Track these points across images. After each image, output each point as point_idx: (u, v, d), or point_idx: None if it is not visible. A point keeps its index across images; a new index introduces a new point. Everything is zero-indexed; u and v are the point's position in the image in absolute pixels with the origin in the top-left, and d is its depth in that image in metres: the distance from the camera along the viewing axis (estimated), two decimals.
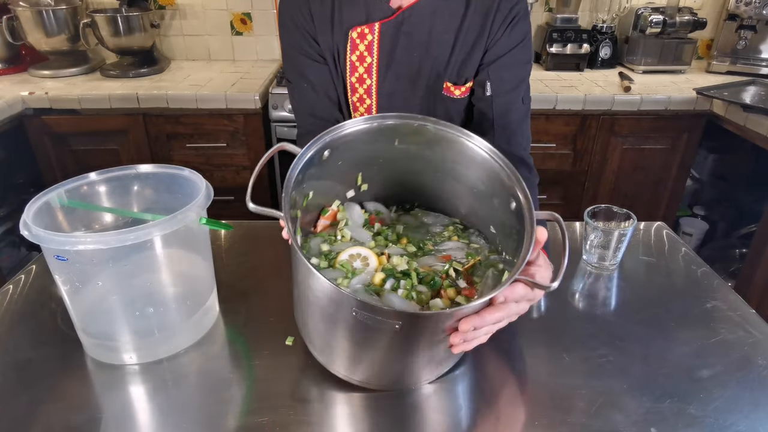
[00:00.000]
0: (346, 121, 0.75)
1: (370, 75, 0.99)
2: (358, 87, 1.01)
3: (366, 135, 0.77)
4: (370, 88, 1.00)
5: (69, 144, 2.04)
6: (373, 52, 0.97)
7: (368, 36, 0.95)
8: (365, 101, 1.02)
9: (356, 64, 0.99)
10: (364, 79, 1.00)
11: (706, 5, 2.48)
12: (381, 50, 0.96)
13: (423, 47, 0.96)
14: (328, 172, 0.78)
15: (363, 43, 0.96)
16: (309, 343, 0.74)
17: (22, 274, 0.96)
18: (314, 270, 0.58)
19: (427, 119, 0.78)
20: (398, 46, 0.96)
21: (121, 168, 0.84)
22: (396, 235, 0.84)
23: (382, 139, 0.79)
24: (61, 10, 2.12)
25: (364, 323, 0.60)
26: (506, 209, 0.74)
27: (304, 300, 0.67)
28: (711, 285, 0.94)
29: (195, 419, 0.67)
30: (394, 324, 0.59)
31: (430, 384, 0.72)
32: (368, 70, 0.98)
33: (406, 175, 0.86)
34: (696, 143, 2.11)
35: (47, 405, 0.69)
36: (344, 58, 0.99)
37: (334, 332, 0.67)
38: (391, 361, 0.67)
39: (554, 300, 0.91)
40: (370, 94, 1.01)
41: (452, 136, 0.78)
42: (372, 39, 0.95)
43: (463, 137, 0.77)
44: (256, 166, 2.13)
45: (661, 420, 0.66)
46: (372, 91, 1.01)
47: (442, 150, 0.80)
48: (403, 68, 0.98)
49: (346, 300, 0.59)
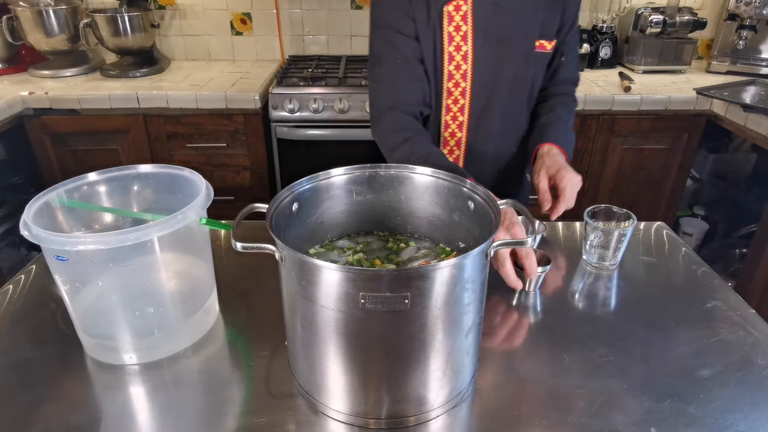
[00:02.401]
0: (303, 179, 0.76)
1: (465, 41, 1.11)
2: (455, 54, 1.12)
3: (325, 190, 0.80)
4: (466, 55, 1.12)
5: (69, 144, 2.04)
6: (467, 20, 1.09)
7: (463, 7, 1.09)
8: (461, 67, 1.13)
9: (453, 34, 1.11)
10: (461, 46, 1.11)
11: (706, 5, 2.48)
12: (474, 18, 1.09)
13: (510, 12, 1.10)
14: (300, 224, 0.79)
15: (458, 14, 1.09)
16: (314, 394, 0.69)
17: (22, 274, 0.96)
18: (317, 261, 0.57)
19: (377, 166, 0.81)
20: (488, 12, 1.10)
21: (121, 168, 0.84)
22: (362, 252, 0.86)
23: (339, 192, 0.82)
24: (61, 10, 2.12)
25: (369, 316, 0.58)
26: (468, 215, 0.77)
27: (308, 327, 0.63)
28: (711, 285, 0.94)
29: (195, 419, 0.67)
30: (404, 298, 0.57)
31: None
32: (464, 37, 1.11)
33: (368, 223, 0.88)
34: (696, 143, 2.11)
35: (47, 405, 0.69)
36: (440, 31, 1.11)
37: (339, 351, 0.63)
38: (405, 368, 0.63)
39: (554, 300, 0.91)
40: (466, 59, 1.12)
41: (402, 174, 0.81)
42: (466, 9, 1.09)
43: (406, 171, 0.81)
44: (256, 166, 2.15)
45: (661, 420, 0.66)
46: (468, 56, 1.12)
47: (396, 191, 0.83)
48: (494, 33, 1.11)
49: (352, 287, 0.57)
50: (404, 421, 0.66)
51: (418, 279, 0.58)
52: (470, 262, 0.60)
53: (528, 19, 1.12)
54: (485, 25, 1.10)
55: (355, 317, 0.59)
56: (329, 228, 0.85)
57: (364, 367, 0.64)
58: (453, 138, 1.21)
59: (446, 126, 1.20)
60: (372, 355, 0.63)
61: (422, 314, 0.60)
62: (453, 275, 0.59)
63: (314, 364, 0.66)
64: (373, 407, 0.66)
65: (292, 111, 2.01)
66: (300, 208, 0.76)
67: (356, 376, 0.64)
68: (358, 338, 0.61)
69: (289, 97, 2.01)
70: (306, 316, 0.63)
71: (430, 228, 0.86)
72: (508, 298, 0.91)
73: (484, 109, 1.17)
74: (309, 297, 0.61)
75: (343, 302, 0.59)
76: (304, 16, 2.48)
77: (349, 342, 0.62)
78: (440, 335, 0.62)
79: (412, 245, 0.86)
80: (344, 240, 0.87)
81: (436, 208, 0.82)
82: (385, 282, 0.57)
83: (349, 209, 0.84)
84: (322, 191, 0.80)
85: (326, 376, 0.66)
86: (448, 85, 1.15)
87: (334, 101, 2.00)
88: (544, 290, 0.93)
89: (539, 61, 1.18)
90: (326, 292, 0.59)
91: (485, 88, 1.15)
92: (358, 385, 0.65)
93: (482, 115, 1.18)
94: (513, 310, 0.88)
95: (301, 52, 2.56)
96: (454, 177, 0.78)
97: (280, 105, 2.01)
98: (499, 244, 0.64)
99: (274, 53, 2.55)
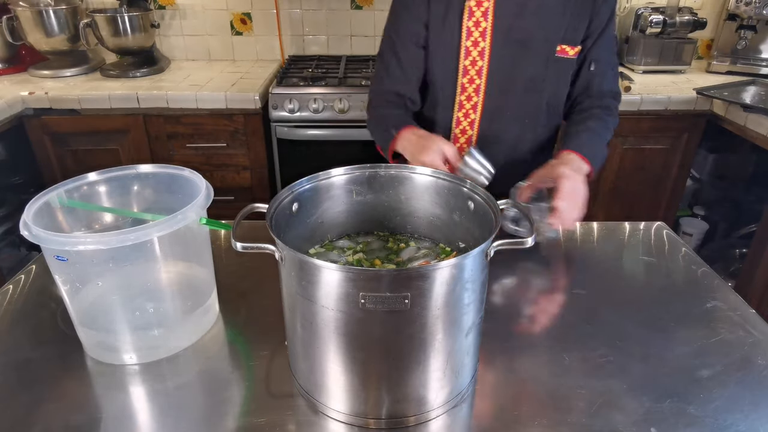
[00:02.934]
0: (303, 179, 0.76)
1: (484, 38, 1.10)
2: (472, 50, 1.11)
3: (325, 190, 0.80)
4: (483, 51, 1.11)
5: (69, 144, 2.04)
6: (488, 17, 1.08)
7: (485, 3, 1.08)
8: (477, 63, 1.13)
9: (472, 29, 1.10)
10: (479, 42, 1.10)
11: (706, 5, 2.47)
12: (496, 15, 1.08)
13: (534, 13, 1.08)
14: (300, 224, 0.79)
15: (480, 9, 1.08)
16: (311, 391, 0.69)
17: (22, 274, 0.96)
18: (317, 261, 0.58)
19: (377, 166, 0.81)
20: (512, 11, 1.08)
21: (121, 168, 0.84)
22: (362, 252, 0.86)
23: (339, 192, 0.82)
24: (61, 10, 2.12)
25: (369, 316, 0.58)
26: (468, 215, 0.77)
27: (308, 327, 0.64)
28: (711, 285, 0.94)
29: (195, 419, 0.67)
30: (404, 298, 0.57)
31: None
32: (483, 33, 1.09)
33: (368, 223, 0.88)
34: (696, 143, 2.11)
35: (47, 405, 0.69)
36: (459, 26, 1.10)
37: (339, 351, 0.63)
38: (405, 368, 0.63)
39: (554, 300, 0.91)
40: (483, 56, 1.11)
41: (402, 174, 0.82)
42: (488, 6, 1.08)
43: (406, 171, 0.82)
44: (256, 166, 2.15)
45: (661, 420, 0.66)
46: (485, 53, 1.11)
47: (395, 191, 0.83)
48: (515, 32, 1.09)
49: (352, 287, 0.57)
50: (404, 421, 0.66)
51: (418, 279, 0.58)
52: (470, 262, 0.61)
53: (552, 21, 1.09)
54: (507, 23, 1.09)
55: (355, 317, 0.60)
56: (329, 228, 0.85)
57: (364, 367, 0.64)
58: (464, 135, 1.21)
59: (458, 122, 1.20)
60: (372, 355, 0.63)
61: (422, 314, 0.60)
62: (453, 275, 0.60)
63: (314, 364, 0.66)
64: (373, 407, 0.66)
65: (292, 111, 2.01)
66: (300, 208, 0.77)
67: (356, 376, 0.64)
68: (358, 338, 0.62)
69: (289, 97, 2.01)
70: (306, 316, 0.63)
71: (430, 228, 0.86)
72: (509, 297, 0.91)
73: (497, 109, 1.16)
74: (309, 297, 0.61)
75: (343, 302, 0.59)
76: (304, 16, 2.48)
77: (349, 342, 0.62)
78: (440, 335, 0.62)
79: (412, 245, 0.86)
80: (344, 240, 0.87)
81: (436, 208, 0.83)
82: (385, 282, 0.57)
83: (349, 209, 0.85)
84: (322, 191, 0.80)
85: (326, 376, 0.66)
86: (462, 80, 1.14)
87: (334, 101, 2.00)
88: (545, 290, 0.93)
89: (560, 66, 1.14)
90: (326, 292, 0.59)
91: (500, 88, 1.14)
92: (358, 385, 0.65)
93: (495, 114, 1.17)
94: (513, 310, 0.88)
95: (301, 52, 2.56)
96: (454, 177, 0.78)
97: (280, 105, 2.01)
98: (499, 244, 0.64)
99: (274, 53, 2.55)
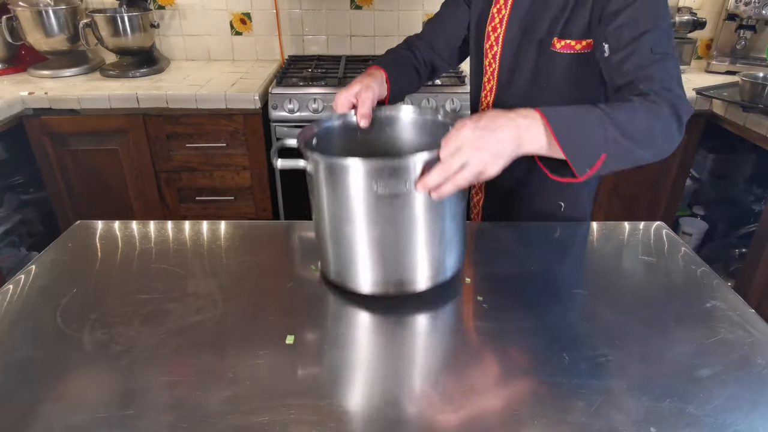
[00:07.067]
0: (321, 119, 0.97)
1: (501, 24, 1.13)
2: (491, 34, 1.16)
3: (337, 129, 0.98)
4: (498, 37, 1.14)
5: (69, 144, 2.04)
6: (507, 4, 1.11)
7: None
8: (494, 48, 1.16)
9: (494, 15, 1.14)
10: (497, 27, 1.14)
11: (706, 5, 2.48)
12: (514, 3, 1.11)
13: (542, 4, 1.08)
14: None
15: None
16: (327, 269, 0.90)
17: (22, 274, 0.96)
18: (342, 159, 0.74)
19: (379, 107, 0.99)
20: (528, 0, 1.10)
21: None
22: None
23: (349, 131, 0.99)
24: (60, 10, 2.12)
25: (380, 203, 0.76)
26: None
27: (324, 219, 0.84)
28: (711, 285, 0.94)
29: (194, 419, 0.67)
30: (405, 182, 0.75)
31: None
32: (501, 20, 1.13)
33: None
34: (696, 143, 2.11)
35: (47, 405, 0.69)
36: (488, 10, 1.15)
37: (354, 231, 0.81)
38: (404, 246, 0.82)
39: (554, 299, 0.91)
40: (498, 41, 1.14)
41: (390, 114, 1.00)
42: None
43: (392, 111, 1.00)
44: (255, 166, 2.15)
45: (661, 420, 0.67)
46: (500, 39, 1.14)
47: (391, 130, 1.00)
48: (525, 21, 1.11)
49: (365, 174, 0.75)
50: (414, 287, 0.86)
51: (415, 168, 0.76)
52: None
53: (554, 14, 1.07)
54: (520, 12, 1.10)
55: (371, 203, 0.78)
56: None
57: (378, 242, 0.82)
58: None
59: (480, 103, 1.25)
60: (385, 233, 0.81)
61: (418, 196, 0.77)
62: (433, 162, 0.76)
63: (341, 250, 0.85)
64: (390, 275, 0.85)
65: (292, 111, 2.01)
66: (318, 142, 0.94)
67: (375, 250, 0.83)
68: (374, 220, 0.79)
69: (288, 97, 2.01)
70: (335, 211, 0.81)
71: None
72: (507, 297, 0.91)
73: (505, 96, 1.19)
74: (336, 192, 0.79)
75: (362, 190, 0.76)
76: (304, 16, 2.48)
77: (366, 223, 0.80)
78: (432, 213, 0.80)
79: None
80: None
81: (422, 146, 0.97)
82: (388, 171, 0.75)
83: (357, 147, 1.00)
84: (335, 131, 0.99)
85: (353, 255, 0.84)
86: (484, 62, 1.19)
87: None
88: (545, 289, 0.93)
89: (564, 61, 1.08)
90: (349, 183, 0.77)
91: (508, 75, 1.16)
92: (377, 257, 0.83)
93: (504, 100, 1.19)
94: (512, 310, 0.88)
95: (300, 52, 2.56)
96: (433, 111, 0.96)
97: (280, 105, 2.02)
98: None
99: (274, 53, 2.55)
